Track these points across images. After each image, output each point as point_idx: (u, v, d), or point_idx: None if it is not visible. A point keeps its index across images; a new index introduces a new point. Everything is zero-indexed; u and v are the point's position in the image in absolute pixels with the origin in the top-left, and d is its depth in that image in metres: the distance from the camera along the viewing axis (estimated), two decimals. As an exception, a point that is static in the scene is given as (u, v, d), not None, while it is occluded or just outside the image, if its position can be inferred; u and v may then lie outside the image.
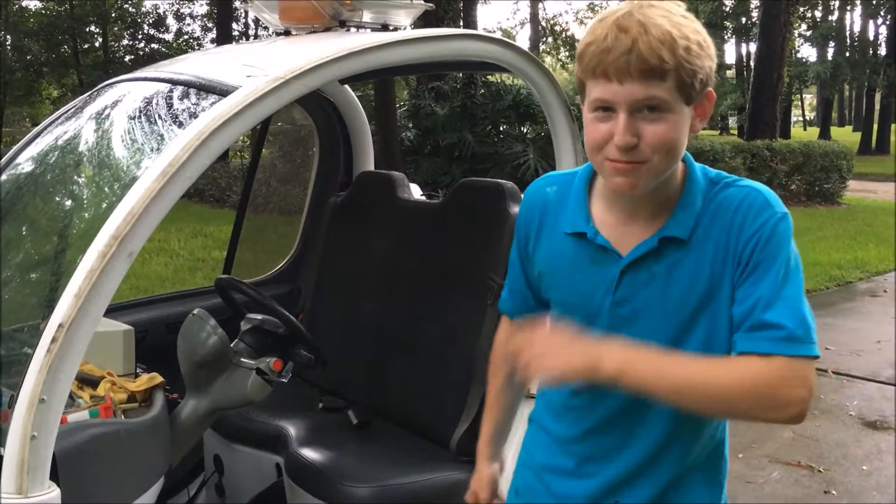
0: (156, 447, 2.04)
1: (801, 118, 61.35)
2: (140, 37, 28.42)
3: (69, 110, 2.54)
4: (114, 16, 26.86)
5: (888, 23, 34.82)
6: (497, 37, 2.51)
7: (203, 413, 2.31)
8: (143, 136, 2.21)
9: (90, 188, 2.38)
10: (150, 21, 28.34)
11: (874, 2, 34.48)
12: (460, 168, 12.90)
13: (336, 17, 2.44)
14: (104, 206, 2.10)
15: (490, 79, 14.05)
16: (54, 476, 1.60)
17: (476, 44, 2.39)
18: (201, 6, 29.12)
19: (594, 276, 1.49)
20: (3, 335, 2.07)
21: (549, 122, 2.64)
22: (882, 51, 35.89)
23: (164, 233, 10.73)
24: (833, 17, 38.08)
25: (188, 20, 29.36)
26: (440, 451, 2.62)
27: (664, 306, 1.44)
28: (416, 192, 3.28)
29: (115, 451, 1.87)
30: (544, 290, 1.61)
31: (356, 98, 3.52)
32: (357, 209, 3.28)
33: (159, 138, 2.11)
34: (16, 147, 2.50)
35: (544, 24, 42.91)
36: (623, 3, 1.39)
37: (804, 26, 34.71)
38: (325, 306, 3.28)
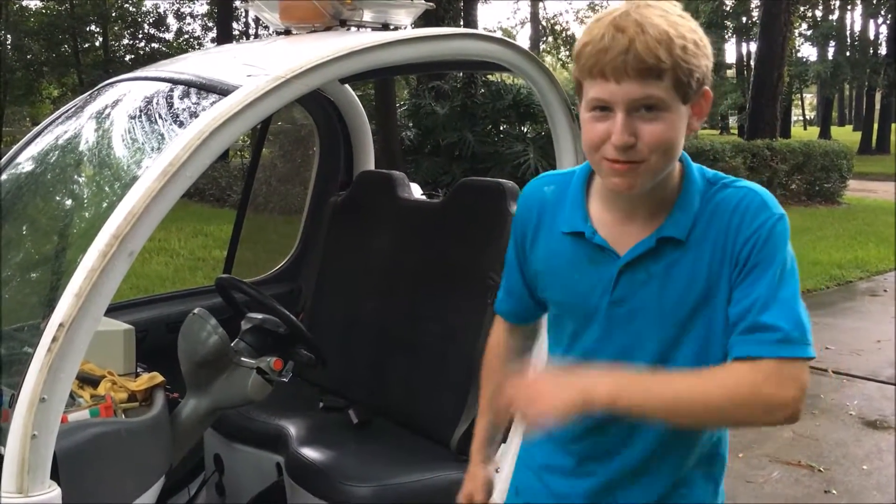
0: (156, 446, 2.04)
1: (801, 118, 61.34)
2: (140, 36, 28.43)
3: (69, 110, 2.54)
4: (114, 15, 26.87)
5: (888, 22, 34.82)
6: (498, 36, 2.51)
7: (203, 412, 2.31)
8: (143, 136, 2.21)
9: (91, 187, 2.38)
10: (151, 20, 28.34)
11: (874, 1, 34.47)
12: (460, 167, 12.89)
13: (336, 16, 2.44)
14: (105, 205, 2.10)
15: (490, 78, 14.04)
16: (55, 475, 1.60)
17: (477, 43, 2.39)
18: (201, 5, 29.16)
19: (592, 276, 1.49)
20: (3, 334, 2.07)
21: (549, 121, 2.63)
22: (882, 50, 35.86)
23: (165, 232, 10.73)
24: (833, 17, 38.07)
25: (188, 19, 29.40)
26: (441, 450, 2.62)
27: (662, 306, 1.44)
28: (416, 192, 3.28)
29: (115, 451, 1.87)
30: (541, 289, 1.61)
31: (356, 97, 3.52)
32: (357, 208, 3.28)
33: (160, 138, 2.11)
34: (16, 146, 2.50)
35: (544, 23, 42.92)
36: (620, 4, 1.39)
37: (804, 26, 34.70)
38: (325, 306, 3.28)
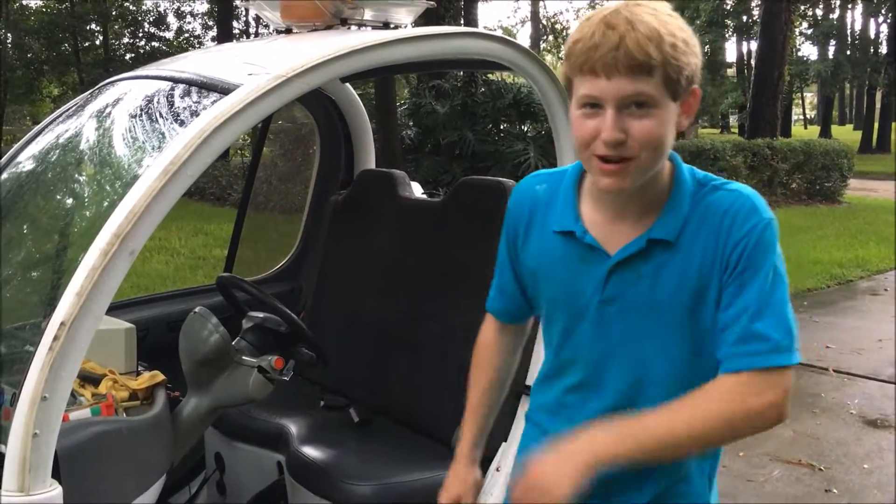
0: (157, 445, 2.05)
1: (801, 116, 61.30)
2: (141, 35, 28.38)
3: (70, 109, 2.54)
4: (114, 14, 26.83)
5: (889, 21, 34.80)
6: (498, 35, 2.51)
7: (204, 411, 2.31)
8: (144, 135, 2.20)
9: (91, 186, 2.38)
10: (151, 19, 28.31)
11: (875, 0, 34.45)
12: (461, 166, 12.90)
13: (337, 15, 2.44)
14: (106, 204, 2.10)
15: (491, 77, 14.04)
16: (56, 474, 1.60)
17: (477, 42, 2.39)
18: (202, 4, 29.13)
19: (583, 275, 1.50)
20: (5, 333, 2.07)
21: (549, 120, 2.63)
22: (883, 49, 35.84)
23: (165, 231, 10.74)
24: (834, 16, 38.02)
25: (189, 18, 29.35)
26: (441, 449, 2.62)
27: (652, 306, 1.46)
28: (417, 191, 3.28)
29: (116, 450, 1.87)
30: (532, 288, 1.63)
31: (357, 96, 3.52)
32: (358, 207, 3.28)
33: (161, 136, 2.11)
34: (17, 145, 2.50)
35: (545, 22, 42.94)
36: (611, 3, 1.41)
37: (805, 24, 34.64)
38: (326, 304, 3.29)
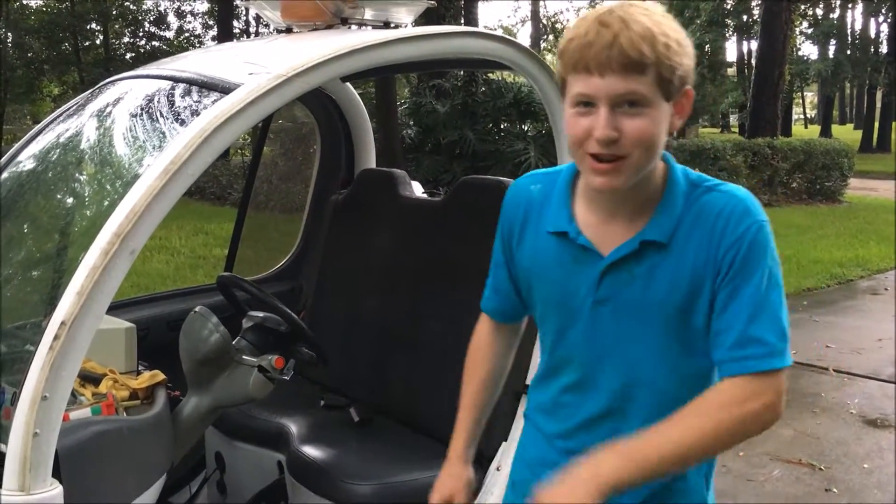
0: (158, 445, 2.05)
1: (802, 116, 61.28)
2: (141, 34, 28.38)
3: (71, 108, 2.54)
4: (115, 13, 26.83)
5: (889, 20, 34.78)
6: (499, 34, 2.51)
7: (205, 410, 2.31)
8: (144, 134, 2.20)
9: (92, 186, 2.38)
10: (151, 18, 28.31)
11: (875, 0, 34.43)
12: (461, 166, 12.90)
13: (338, 14, 2.44)
14: (106, 203, 2.10)
15: (491, 76, 14.04)
16: (56, 473, 1.60)
17: (478, 41, 2.39)
18: (202, 4, 29.14)
19: (576, 276, 1.51)
20: (5, 332, 2.07)
21: (550, 119, 2.63)
22: (883, 48, 35.82)
23: (166, 230, 10.73)
24: (834, 15, 37.98)
25: (189, 18, 29.35)
26: (441, 448, 2.59)
27: (645, 306, 1.46)
28: (417, 190, 3.28)
29: (117, 449, 1.87)
30: (526, 288, 1.63)
31: (357, 96, 3.52)
32: (358, 207, 3.28)
33: (161, 136, 2.11)
34: (17, 145, 2.50)
35: (545, 21, 42.94)
36: (607, 3, 1.42)
37: (805, 24, 34.60)
38: (326, 304, 3.29)
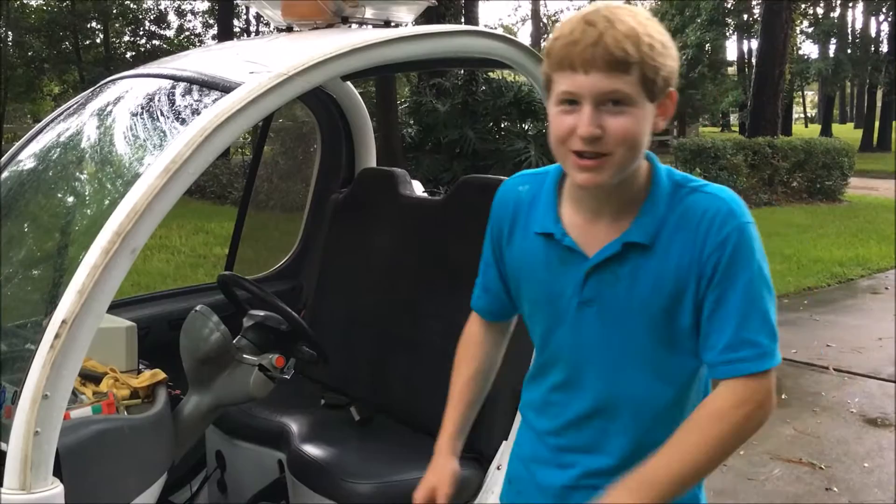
0: (158, 443, 2.05)
1: (802, 115, 61.29)
2: (141, 33, 28.40)
3: (71, 107, 2.54)
4: (115, 12, 26.82)
5: (890, 20, 34.76)
6: (499, 33, 2.51)
7: (205, 409, 2.31)
8: (145, 133, 2.21)
9: (93, 185, 2.38)
10: (152, 17, 28.31)
11: (876, -1, 34.44)
12: (461, 165, 12.90)
13: (338, 13, 2.44)
14: (107, 202, 2.10)
15: (491, 75, 14.04)
16: (57, 472, 1.60)
17: (478, 40, 2.39)
18: (202, 3, 29.15)
19: (562, 276, 1.52)
20: (6, 331, 2.07)
21: (551, 118, 2.63)
22: (884, 48, 35.81)
23: (166, 229, 10.74)
24: (835, 14, 37.96)
25: (189, 17, 29.37)
26: (442, 447, 2.62)
27: (629, 307, 1.47)
28: (418, 189, 3.27)
29: (117, 448, 1.87)
30: (515, 287, 1.65)
31: (358, 94, 3.52)
32: (359, 206, 3.28)
33: (162, 135, 2.11)
34: (18, 144, 2.50)
35: (546, 20, 42.92)
36: (592, 3, 1.44)
37: (806, 23, 34.59)
38: (327, 303, 3.28)
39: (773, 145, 16.33)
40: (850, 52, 36.02)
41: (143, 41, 28.14)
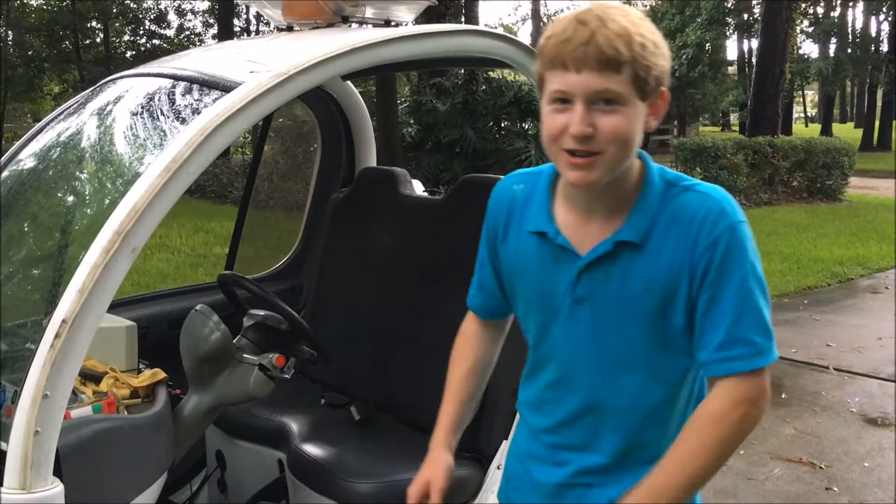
0: (159, 443, 2.05)
1: (802, 114, 61.26)
2: (141, 33, 28.36)
3: (71, 106, 2.54)
4: (115, 11, 26.80)
5: (890, 19, 34.74)
6: (500, 33, 2.51)
7: (206, 409, 2.31)
8: (145, 132, 2.21)
9: (93, 184, 2.38)
10: (152, 17, 28.29)
11: (876, -2, 34.41)
12: (461, 164, 12.91)
13: (339, 12, 2.44)
14: (107, 202, 2.10)
15: (491, 75, 14.05)
16: (57, 471, 1.60)
17: (479, 40, 2.39)
18: (202, 2, 29.13)
19: (556, 275, 1.53)
20: (6, 331, 2.07)
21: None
22: (884, 47, 35.76)
23: (166, 229, 10.74)
24: (835, 14, 37.94)
25: (189, 16, 29.34)
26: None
27: (621, 305, 1.48)
28: (418, 188, 3.27)
29: (118, 447, 1.87)
30: (509, 286, 1.66)
31: (358, 94, 3.52)
32: (359, 205, 3.28)
33: (162, 134, 2.11)
34: (18, 143, 2.50)
35: (546, 20, 42.90)
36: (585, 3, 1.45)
37: (806, 22, 34.55)
38: (327, 302, 3.28)
39: (773, 145, 16.33)
40: (850, 51, 35.98)
41: (143, 40, 28.11)
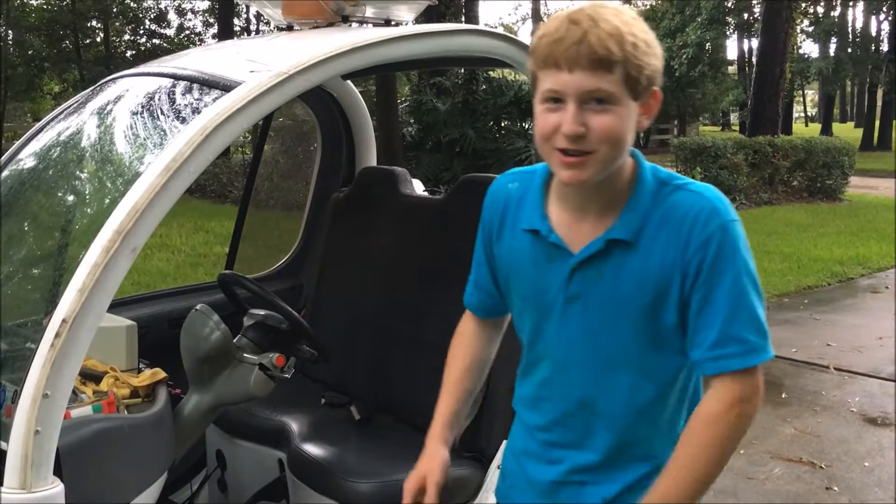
0: (159, 442, 2.05)
1: (802, 114, 61.26)
2: (141, 32, 28.35)
3: (71, 106, 2.54)
4: (115, 11, 26.80)
5: (890, 19, 34.73)
6: (500, 32, 2.51)
7: (206, 408, 2.31)
8: (146, 132, 2.20)
9: (93, 184, 2.38)
10: (152, 16, 28.28)
11: (876, -2, 34.39)
12: (461, 164, 12.91)
13: (339, 12, 2.44)
14: (107, 201, 2.10)
15: (492, 74, 14.05)
16: (58, 471, 1.60)
17: (479, 39, 2.39)
18: (203, 2, 29.10)
19: (549, 273, 1.54)
20: (7, 330, 2.07)
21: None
22: (884, 47, 35.72)
23: (166, 228, 10.74)
24: (835, 13, 37.92)
25: (190, 15, 29.33)
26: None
27: (613, 302, 1.49)
28: (418, 188, 3.27)
29: (118, 447, 1.87)
30: (504, 284, 1.67)
31: (358, 93, 3.52)
32: (359, 205, 3.28)
33: (162, 133, 2.11)
34: (18, 142, 2.50)
35: (546, 19, 42.89)
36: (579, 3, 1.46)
37: (806, 22, 34.53)
38: (327, 302, 3.28)
39: (773, 144, 16.33)
40: (850, 51, 35.95)
41: (143, 40, 28.10)
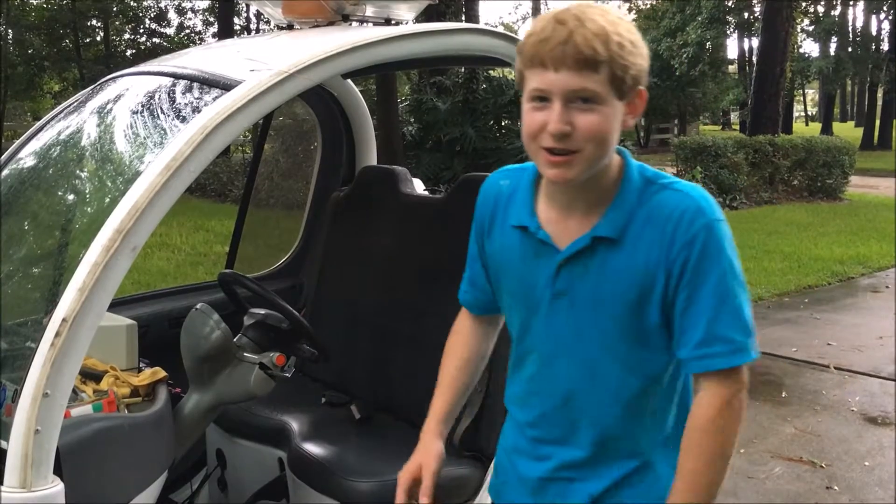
0: (159, 442, 2.05)
1: (803, 113, 61.27)
2: (142, 31, 28.36)
3: (71, 105, 2.54)
4: (115, 10, 26.79)
5: (890, 18, 34.72)
6: (500, 31, 2.51)
7: (206, 408, 2.31)
8: (146, 131, 2.20)
9: (93, 183, 2.38)
10: (152, 15, 28.28)
11: (877, -3, 34.37)
12: (462, 163, 12.91)
13: (339, 11, 2.44)
14: (108, 200, 2.10)
15: (492, 73, 14.04)
16: (58, 470, 1.60)
17: (479, 38, 2.39)
18: (203, 1, 29.10)
19: (537, 269, 1.55)
20: (7, 329, 2.06)
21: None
22: (884, 46, 35.73)
23: (166, 227, 10.74)
24: (835, 13, 37.90)
25: (190, 14, 29.33)
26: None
27: (598, 300, 1.50)
28: (418, 187, 3.27)
29: (118, 446, 1.87)
30: (495, 280, 1.68)
31: (358, 92, 3.52)
32: (360, 204, 3.28)
33: (162, 133, 2.10)
34: (19, 141, 2.50)
35: (543, 18, 42.85)
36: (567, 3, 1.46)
37: (807, 21, 34.52)
38: (327, 301, 3.28)
39: (773, 143, 16.33)
40: (850, 50, 35.93)
41: (143, 39, 28.11)
